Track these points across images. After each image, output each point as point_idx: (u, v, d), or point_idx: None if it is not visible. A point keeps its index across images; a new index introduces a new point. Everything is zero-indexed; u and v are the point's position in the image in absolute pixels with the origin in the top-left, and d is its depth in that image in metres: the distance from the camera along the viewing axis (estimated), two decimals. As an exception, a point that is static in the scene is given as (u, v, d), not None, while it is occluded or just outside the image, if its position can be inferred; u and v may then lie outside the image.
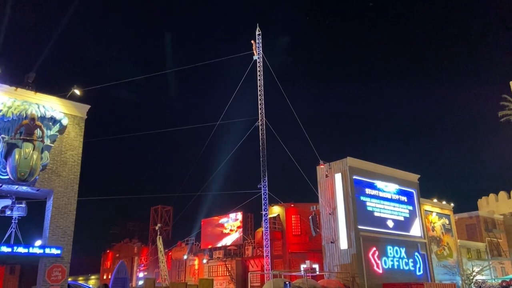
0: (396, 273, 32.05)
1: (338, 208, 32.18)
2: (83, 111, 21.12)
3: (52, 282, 18.13)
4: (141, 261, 58.23)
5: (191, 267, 49.68)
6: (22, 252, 18.19)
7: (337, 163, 33.47)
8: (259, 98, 34.69)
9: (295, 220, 44.81)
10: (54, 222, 18.97)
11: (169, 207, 63.37)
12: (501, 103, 40.93)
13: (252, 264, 43.87)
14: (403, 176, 36.60)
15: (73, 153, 20.24)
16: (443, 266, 36.16)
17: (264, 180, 33.61)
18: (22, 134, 18.16)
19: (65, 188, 19.59)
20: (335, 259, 31.77)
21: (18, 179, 17.68)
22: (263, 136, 33.90)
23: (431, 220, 37.92)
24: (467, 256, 40.65)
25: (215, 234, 48.08)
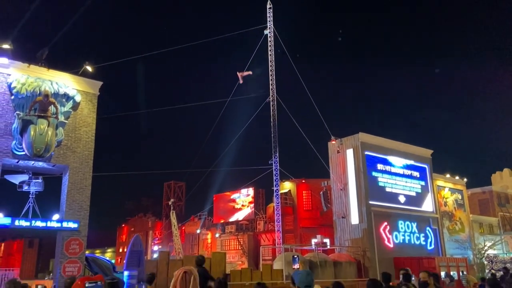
0: (407, 248, 32.29)
1: (350, 184, 32.24)
2: (96, 87, 21.23)
3: (70, 255, 18.67)
4: (156, 235, 59.54)
5: (204, 241, 50.69)
6: (40, 226, 18.69)
7: (348, 139, 33.33)
8: (270, 74, 34.44)
9: (306, 196, 45.16)
10: (70, 197, 19.39)
11: (182, 183, 64.14)
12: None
13: (264, 238, 44.56)
14: (416, 152, 36.35)
15: (86, 130, 20.48)
16: (454, 240, 36.26)
17: (275, 156, 33.74)
18: (37, 111, 18.38)
19: (80, 164, 19.92)
20: (346, 234, 32.07)
21: (34, 155, 18.02)
22: (274, 112, 33.83)
23: (444, 195, 37.82)
24: (479, 230, 40.64)
25: (227, 209, 48.76)
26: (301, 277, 4.54)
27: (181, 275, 4.89)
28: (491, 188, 45.30)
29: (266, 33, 34.49)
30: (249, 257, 43.69)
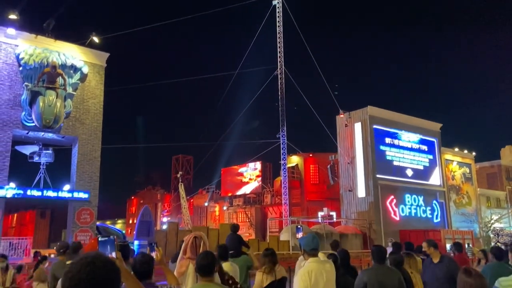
0: (413, 221, 32.50)
1: (357, 158, 32.23)
2: (103, 59, 21.18)
3: (81, 224, 19.11)
4: (164, 207, 60.52)
5: (212, 214, 51.43)
6: (51, 196, 19.08)
7: (357, 112, 33.09)
8: (278, 46, 33.97)
9: (313, 170, 45.29)
10: (80, 168, 19.68)
11: (190, 156, 64.64)
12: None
13: (271, 211, 45.05)
14: (425, 125, 36.06)
15: (95, 101, 20.57)
16: (461, 214, 36.39)
17: (283, 129, 33.68)
18: (45, 82, 18.46)
19: (89, 136, 20.12)
20: (352, 207, 32.30)
21: (43, 126, 18.21)
22: (282, 85, 33.55)
23: (452, 169, 37.71)
24: (486, 204, 40.68)
25: (235, 182, 49.17)
26: (307, 240, 4.59)
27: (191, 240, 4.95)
28: (499, 162, 45.04)
29: (275, 4, 33.82)
30: (257, 229, 44.33)
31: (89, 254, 1.54)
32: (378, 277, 4.87)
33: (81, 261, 1.48)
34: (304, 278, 4.21)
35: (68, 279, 1.44)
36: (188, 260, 4.88)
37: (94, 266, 1.45)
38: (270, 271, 5.48)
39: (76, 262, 1.49)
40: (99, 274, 1.45)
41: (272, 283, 5.44)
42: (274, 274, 5.50)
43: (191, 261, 4.83)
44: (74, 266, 1.47)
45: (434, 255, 6.23)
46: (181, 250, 5.14)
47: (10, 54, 18.60)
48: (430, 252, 6.28)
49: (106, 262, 1.49)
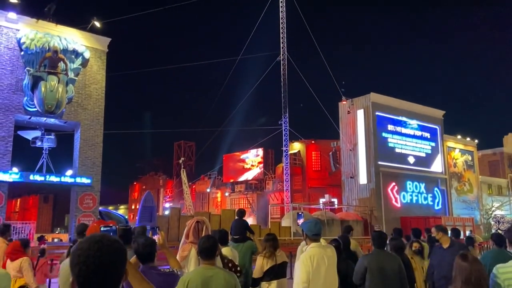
0: (414, 207, 32.61)
1: (359, 144, 32.20)
2: (104, 44, 21.06)
3: (84, 209, 19.24)
4: (167, 193, 60.84)
5: (214, 200, 51.68)
6: (54, 181, 19.18)
7: (359, 99, 32.94)
8: (281, 32, 33.67)
9: (315, 156, 45.33)
10: (82, 153, 19.74)
11: (192, 143, 64.71)
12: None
13: (273, 197, 45.23)
14: (428, 112, 35.91)
15: (96, 87, 20.52)
16: (462, 201, 36.46)
17: (285, 116, 33.61)
18: (46, 67, 18.40)
19: (91, 121, 20.12)
20: (354, 194, 32.40)
21: (45, 111, 18.21)
22: (284, 71, 33.37)
23: (454, 156, 37.67)
24: (488, 192, 40.72)
25: (237, 169, 49.29)
26: (310, 225, 4.61)
27: (194, 225, 4.99)
28: (502, 149, 44.92)
29: (277, -11, 33.41)
30: (258, 215, 44.59)
31: (97, 234, 1.60)
32: (378, 262, 4.91)
33: (89, 240, 1.53)
34: (306, 263, 4.24)
35: (77, 256, 1.48)
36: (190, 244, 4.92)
37: (101, 244, 1.50)
38: (270, 255, 5.53)
39: (84, 240, 1.54)
40: (106, 252, 1.50)
41: (273, 267, 5.50)
42: (275, 259, 5.55)
43: (194, 245, 4.87)
44: (82, 244, 1.52)
45: (443, 240, 6.13)
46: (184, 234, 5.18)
47: (11, 39, 18.51)
48: (439, 237, 6.20)
49: (114, 241, 1.55)
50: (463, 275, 2.87)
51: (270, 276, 5.48)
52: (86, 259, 1.47)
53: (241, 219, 8.42)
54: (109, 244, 1.52)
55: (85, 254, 1.48)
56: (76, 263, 1.48)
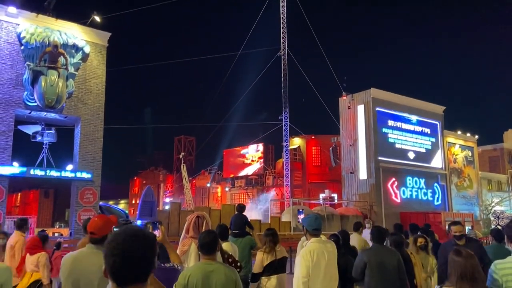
0: (414, 203, 32.67)
1: (359, 140, 32.20)
2: (104, 38, 21.01)
3: (84, 204, 19.27)
4: (167, 188, 60.93)
5: (214, 194, 51.80)
6: (54, 176, 19.20)
7: (360, 95, 32.90)
8: (282, 27, 33.59)
9: (315, 152, 45.37)
10: (83, 148, 19.75)
11: (192, 138, 64.71)
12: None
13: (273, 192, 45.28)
14: (428, 108, 35.87)
15: (97, 81, 20.48)
16: (462, 196, 36.50)
17: (285, 111, 33.61)
18: (47, 62, 18.36)
19: (92, 116, 20.11)
20: (353, 189, 32.44)
21: (46, 106, 18.19)
22: (285, 66, 33.32)
23: (454, 152, 37.67)
24: (488, 187, 40.75)
25: (237, 164, 49.36)
26: (310, 220, 4.63)
27: (194, 219, 5.01)
28: (502, 145, 44.91)
29: (278, -16, 33.30)
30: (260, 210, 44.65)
31: (130, 227, 1.67)
32: (377, 257, 4.92)
33: (124, 233, 1.58)
34: (306, 258, 4.27)
35: (112, 248, 1.54)
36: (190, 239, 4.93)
37: (136, 238, 1.56)
38: (270, 250, 5.55)
39: (120, 233, 1.59)
40: (141, 246, 1.56)
41: (272, 262, 5.52)
42: (275, 254, 5.57)
43: (194, 240, 4.89)
44: (117, 237, 1.57)
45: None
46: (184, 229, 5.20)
47: (11, 33, 18.46)
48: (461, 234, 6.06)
49: (147, 236, 1.61)
50: (458, 270, 2.88)
51: (270, 271, 5.49)
52: (121, 252, 1.52)
53: (241, 214, 8.44)
54: (144, 238, 1.58)
55: (120, 247, 1.53)
56: (111, 255, 1.53)
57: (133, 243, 1.55)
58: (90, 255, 3.18)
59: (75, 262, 3.17)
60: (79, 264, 3.15)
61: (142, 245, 1.56)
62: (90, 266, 3.10)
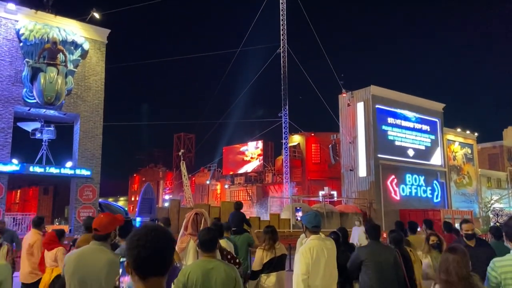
0: (413, 200, 32.69)
1: (359, 137, 32.19)
2: (104, 35, 20.96)
3: (84, 201, 19.27)
4: (166, 185, 60.93)
5: (214, 192, 51.80)
6: (54, 173, 19.19)
7: (359, 92, 32.87)
8: (281, 24, 33.50)
9: (315, 149, 45.33)
10: (82, 145, 19.73)
11: (192, 135, 64.65)
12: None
13: (272, 190, 45.32)
14: (427, 105, 35.86)
15: (96, 78, 20.45)
16: (461, 194, 36.53)
17: (285, 108, 33.58)
18: (46, 59, 18.32)
19: (91, 113, 20.08)
20: (353, 186, 32.45)
21: (45, 103, 18.17)
22: (284, 63, 33.26)
23: (453, 149, 37.68)
24: (487, 185, 40.79)
25: (236, 161, 49.34)
26: (309, 218, 4.63)
27: (193, 217, 5.00)
28: (502, 142, 44.91)
29: (278, -19, 33.19)
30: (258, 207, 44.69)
31: (150, 224, 1.81)
32: (374, 255, 4.93)
33: (145, 227, 1.71)
34: (306, 255, 4.27)
35: (136, 241, 1.64)
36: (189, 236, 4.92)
37: (157, 231, 1.68)
38: (270, 248, 5.56)
39: (141, 228, 1.72)
40: (162, 238, 1.68)
41: (272, 260, 5.53)
42: (274, 251, 5.58)
43: (192, 237, 4.88)
44: (139, 231, 1.69)
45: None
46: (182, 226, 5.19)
47: (10, 30, 18.41)
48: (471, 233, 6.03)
49: (167, 231, 1.74)
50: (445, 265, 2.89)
51: (270, 269, 5.51)
52: (145, 243, 1.62)
53: (239, 212, 8.46)
54: (164, 232, 1.71)
55: (143, 239, 1.64)
56: (135, 246, 1.63)
57: (156, 235, 1.66)
58: (95, 252, 3.18)
59: (79, 260, 3.17)
60: (84, 261, 3.14)
61: (164, 237, 1.68)
62: (96, 262, 3.10)
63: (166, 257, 1.68)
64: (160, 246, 1.65)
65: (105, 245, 3.25)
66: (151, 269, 1.63)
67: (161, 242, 1.66)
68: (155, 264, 1.63)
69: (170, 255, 1.71)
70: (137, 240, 1.64)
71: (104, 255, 3.15)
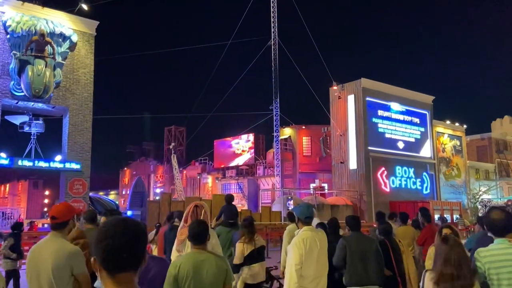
0: (403, 192, 33.02)
1: (350, 130, 32.33)
2: (92, 27, 20.69)
3: (74, 194, 19.14)
4: (157, 179, 60.71)
5: (205, 185, 51.74)
6: (43, 166, 19.02)
7: (350, 84, 32.96)
8: (272, 16, 33.37)
9: (306, 142, 45.39)
10: (71, 139, 19.55)
11: (183, 128, 64.31)
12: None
13: (263, 182, 45.40)
14: (417, 98, 36.11)
15: (85, 71, 20.21)
16: (450, 185, 36.99)
17: (276, 101, 33.56)
18: (33, 51, 18.06)
19: (80, 106, 19.88)
20: (343, 179, 32.66)
21: (33, 96, 17.94)
22: (275, 56, 33.18)
23: (442, 141, 38.06)
24: (475, 176, 41.31)
25: (228, 154, 49.23)
26: (302, 209, 4.69)
27: (192, 209, 5.02)
28: (490, 135, 45.44)
29: (268, -28, 32.99)
30: (249, 200, 44.77)
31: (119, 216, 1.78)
32: (358, 245, 5.07)
33: (114, 219, 1.63)
34: (300, 246, 4.35)
35: (104, 232, 1.55)
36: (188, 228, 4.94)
37: (127, 223, 1.59)
38: (249, 240, 5.73)
39: (109, 220, 1.63)
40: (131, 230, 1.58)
41: (252, 252, 5.72)
42: (254, 243, 5.74)
43: (192, 229, 4.90)
44: (108, 223, 1.61)
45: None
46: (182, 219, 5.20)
47: (-4, 22, 18.09)
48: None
49: (137, 222, 1.65)
50: (442, 256, 2.93)
51: (251, 261, 5.71)
52: (114, 233, 1.53)
53: (231, 205, 8.48)
54: (134, 224, 1.61)
55: (112, 229, 1.54)
56: (104, 238, 1.53)
57: (126, 226, 1.56)
58: (46, 242, 3.16)
59: (33, 252, 3.16)
60: (36, 253, 3.12)
61: (135, 229, 1.58)
62: (44, 252, 3.07)
63: (138, 250, 1.56)
64: (131, 237, 1.54)
65: (62, 233, 3.23)
66: (121, 263, 1.51)
67: (132, 233, 1.55)
68: (125, 257, 1.52)
69: (142, 248, 1.60)
70: (105, 231, 1.54)
71: (54, 244, 3.10)
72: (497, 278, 2.77)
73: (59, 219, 3.21)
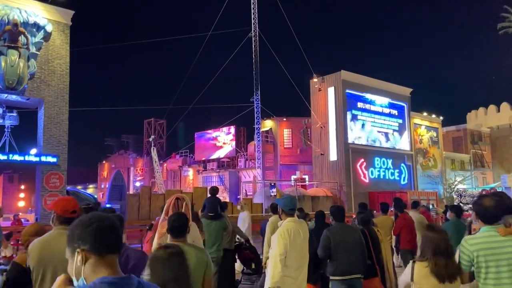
0: (382, 183, 33.58)
1: (330, 122, 32.60)
2: (67, 17, 20.15)
3: (50, 188, 18.73)
4: (137, 172, 60.03)
5: (186, 178, 51.46)
6: (18, 160, 18.53)
7: (330, 77, 33.17)
8: (252, 7, 33.18)
9: (287, 134, 45.56)
10: (47, 132, 19.08)
11: (163, 121, 63.63)
12: (501, 15, 39.55)
13: (245, 175, 45.43)
14: (395, 90, 36.64)
15: (60, 62, 19.70)
16: (427, 176, 37.80)
17: (257, 93, 33.52)
18: (6, 41, 17.49)
19: (56, 98, 19.39)
20: (324, 170, 32.98)
21: (6, 88, 17.41)
22: (256, 48, 33.07)
23: (420, 133, 38.79)
24: (451, 167, 42.30)
25: (209, 147, 49.01)
26: (286, 201, 4.72)
27: (173, 201, 4.97)
28: (465, 126, 46.52)
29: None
30: (230, 193, 44.77)
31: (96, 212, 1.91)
32: (341, 235, 5.17)
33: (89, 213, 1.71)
34: (284, 236, 4.43)
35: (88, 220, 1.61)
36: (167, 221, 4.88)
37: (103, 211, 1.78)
38: None
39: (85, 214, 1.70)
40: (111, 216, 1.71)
41: None
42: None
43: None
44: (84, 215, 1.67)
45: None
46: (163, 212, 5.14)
47: (-35, 10, 17.42)
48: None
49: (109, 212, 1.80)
50: (432, 245, 3.03)
51: None
52: (98, 217, 1.61)
53: (214, 197, 8.44)
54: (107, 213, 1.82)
55: (95, 215, 1.63)
56: (90, 223, 1.58)
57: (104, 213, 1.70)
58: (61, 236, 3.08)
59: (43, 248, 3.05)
60: (51, 248, 3.02)
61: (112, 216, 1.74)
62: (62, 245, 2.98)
63: (120, 232, 1.67)
64: (115, 220, 1.66)
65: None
66: (111, 242, 1.59)
67: (113, 217, 1.69)
68: (114, 237, 1.61)
69: (121, 232, 1.73)
70: (89, 218, 1.61)
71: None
72: (485, 266, 2.81)
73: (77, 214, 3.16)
